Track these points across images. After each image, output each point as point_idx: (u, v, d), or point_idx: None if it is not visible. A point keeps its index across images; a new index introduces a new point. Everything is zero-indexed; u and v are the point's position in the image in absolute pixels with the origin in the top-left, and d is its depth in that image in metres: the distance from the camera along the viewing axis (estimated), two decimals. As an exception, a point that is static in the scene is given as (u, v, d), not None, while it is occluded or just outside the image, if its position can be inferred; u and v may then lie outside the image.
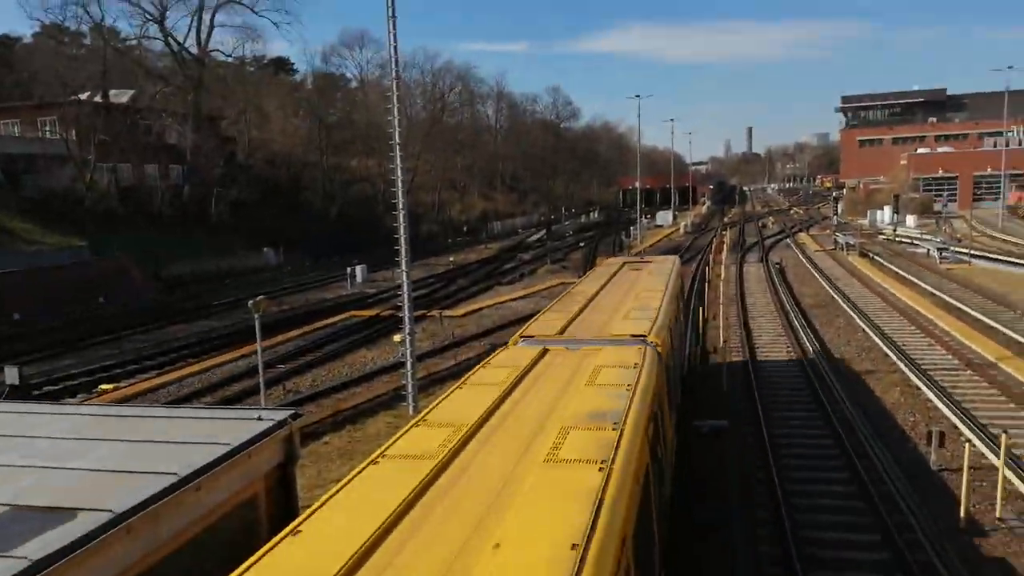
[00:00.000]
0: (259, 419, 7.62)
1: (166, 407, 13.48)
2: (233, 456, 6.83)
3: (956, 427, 17.32)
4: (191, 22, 62.28)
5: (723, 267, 45.97)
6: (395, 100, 19.41)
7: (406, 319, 20.52)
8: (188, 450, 6.65)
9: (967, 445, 13.77)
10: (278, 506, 7.71)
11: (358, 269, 47.29)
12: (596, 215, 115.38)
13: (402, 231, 19.60)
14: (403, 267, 20.07)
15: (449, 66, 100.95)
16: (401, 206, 19.31)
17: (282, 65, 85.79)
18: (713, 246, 59.51)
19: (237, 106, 67.60)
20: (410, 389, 20.47)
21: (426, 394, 21.90)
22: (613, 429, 6.43)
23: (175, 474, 6.03)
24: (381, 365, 25.58)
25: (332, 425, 19.69)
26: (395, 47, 19.12)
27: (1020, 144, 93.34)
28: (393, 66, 18.68)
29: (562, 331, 11.34)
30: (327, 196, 70.24)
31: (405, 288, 20.35)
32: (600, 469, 5.54)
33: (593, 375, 8.39)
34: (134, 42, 62.06)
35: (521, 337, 10.99)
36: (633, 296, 14.73)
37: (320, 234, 61.82)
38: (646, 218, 78.29)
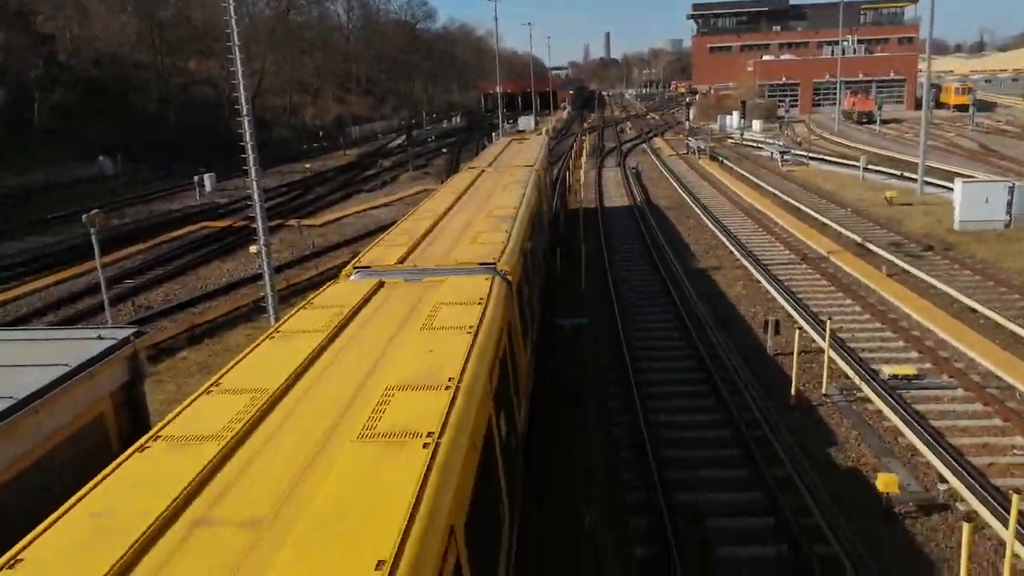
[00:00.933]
0: (99, 338, 7.24)
1: (-4, 329, 12.47)
2: (73, 377, 6.49)
3: (791, 315, 18.85)
4: None
5: (583, 172, 46.81)
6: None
7: (259, 228, 19.66)
8: (24, 373, 6.25)
9: (797, 332, 15.04)
10: (128, 425, 7.44)
11: (206, 178, 44.65)
12: (458, 120, 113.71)
13: (246, 127, 18.46)
14: (251, 171, 19.05)
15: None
16: (243, 101, 18.14)
17: (105, -48, 77.03)
18: (573, 151, 60.32)
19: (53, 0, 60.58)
20: (269, 300, 19.81)
21: (287, 304, 21.38)
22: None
23: (11, 398, 5.65)
24: (239, 277, 24.65)
25: (189, 340, 18.95)
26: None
27: (855, 52, 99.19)
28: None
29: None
30: (163, 100, 65.10)
31: (255, 195, 19.40)
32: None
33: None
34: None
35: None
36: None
37: (160, 141, 57.51)
38: (508, 123, 77.92)
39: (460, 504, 4.51)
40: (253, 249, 25.13)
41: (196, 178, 44.15)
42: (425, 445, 4.61)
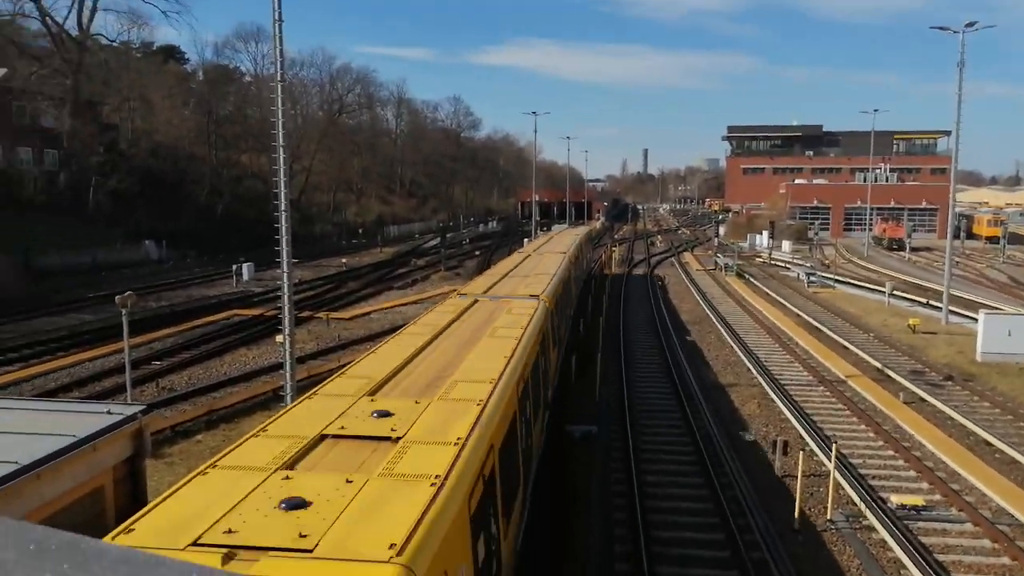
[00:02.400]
0: (108, 412, 7.66)
1: (14, 398, 13.00)
2: (78, 448, 6.88)
3: (802, 437, 18.74)
4: (72, 2, 59.31)
5: (608, 282, 47.49)
6: (279, 90, 19.34)
7: (286, 318, 20.35)
8: (32, 440, 6.66)
9: (801, 453, 15.00)
10: (126, 499, 7.76)
11: (245, 267, 46.17)
12: (495, 224, 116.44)
13: (283, 222, 19.45)
14: (284, 262, 19.90)
15: (348, 68, 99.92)
16: (283, 196, 19.18)
17: (171, 54, 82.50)
18: (601, 261, 61.28)
19: (120, 93, 64.63)
20: (288, 389, 20.27)
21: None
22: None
23: (15, 463, 6.05)
24: (261, 365, 25.22)
25: (206, 424, 19.35)
26: (280, 38, 19.07)
27: (886, 180, 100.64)
28: (277, 56, 18.60)
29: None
30: (214, 191, 68.05)
31: (285, 285, 20.19)
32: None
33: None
34: (7, 18, 58.39)
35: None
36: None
37: (206, 230, 59.86)
38: (543, 230, 79.72)
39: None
40: (279, 339, 25.83)
41: (235, 266, 45.66)
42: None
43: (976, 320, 29.41)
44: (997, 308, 33.68)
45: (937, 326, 33.62)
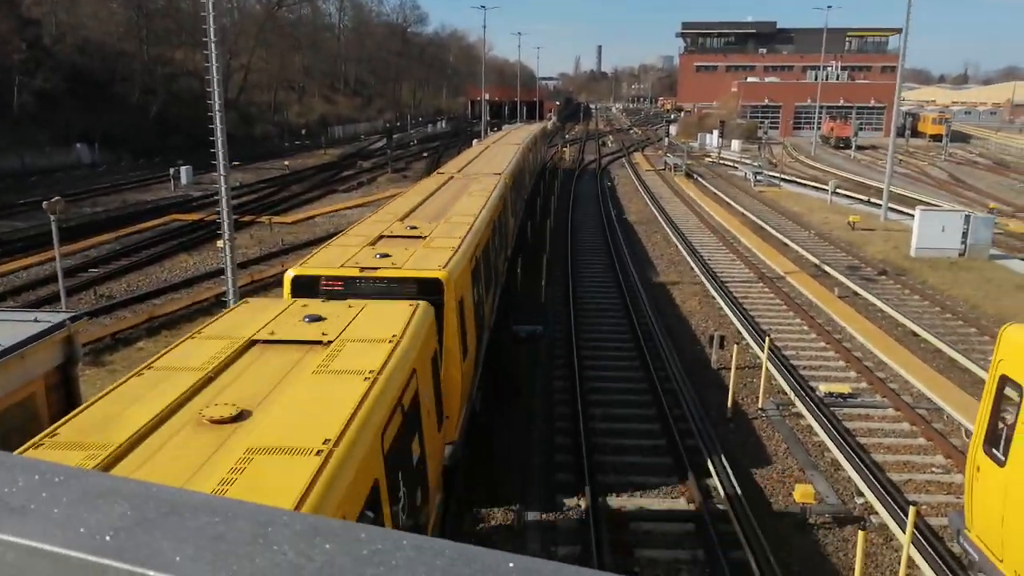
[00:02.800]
0: (35, 320, 7.51)
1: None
2: (3, 356, 6.77)
3: (739, 331, 19.36)
4: None
5: (558, 184, 47.30)
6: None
7: (225, 223, 19.92)
8: (-47, 349, 6.51)
9: (735, 346, 15.53)
10: (59, 406, 7.71)
11: (183, 170, 44.68)
12: (444, 125, 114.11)
13: (218, 122, 18.80)
14: (220, 164, 19.32)
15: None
16: (216, 95, 18.44)
17: (96, -61, 76.80)
18: (552, 159, 60.82)
19: (41, -17, 60.36)
20: (230, 295, 20.08)
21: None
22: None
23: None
24: (203, 271, 24.84)
25: (147, 331, 19.11)
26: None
27: (837, 78, 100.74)
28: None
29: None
30: (147, 90, 64.92)
31: (223, 188, 19.68)
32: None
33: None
34: None
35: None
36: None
37: (140, 131, 57.41)
38: (493, 130, 78.38)
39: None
40: (220, 244, 25.35)
41: (172, 170, 44.18)
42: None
43: (913, 216, 30.25)
44: (934, 205, 34.62)
45: (876, 223, 34.48)
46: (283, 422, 5.57)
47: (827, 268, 25.84)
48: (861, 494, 11.79)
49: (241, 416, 5.62)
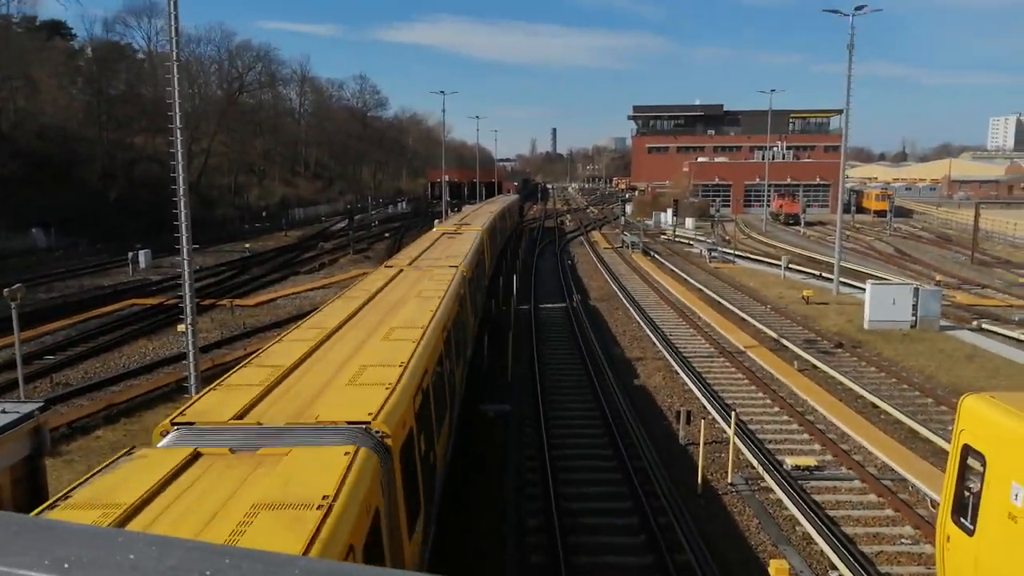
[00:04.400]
0: (3, 412, 7.38)
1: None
2: (-28, 447, 6.62)
3: (704, 407, 19.57)
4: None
5: (520, 262, 47.92)
6: (175, 68, 18.65)
7: (187, 306, 19.74)
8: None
9: (702, 422, 15.71)
10: (25, 498, 7.51)
11: (141, 254, 44.34)
12: (404, 206, 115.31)
13: (181, 207, 18.85)
14: (184, 248, 19.27)
15: (248, 45, 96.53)
16: (181, 180, 18.56)
17: (57, 29, 77.72)
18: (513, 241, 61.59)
19: (1, 70, 60.61)
20: (192, 380, 19.73)
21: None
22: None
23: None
24: (163, 356, 24.41)
25: (105, 419, 18.63)
26: (176, 13, 18.37)
27: (783, 157, 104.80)
28: (173, 35, 17.91)
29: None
30: (107, 174, 64.84)
31: (185, 272, 19.58)
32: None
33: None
34: None
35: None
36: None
37: (98, 215, 57.01)
38: (453, 210, 79.48)
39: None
40: (180, 328, 25.01)
41: (131, 254, 43.80)
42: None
43: (864, 290, 31.21)
44: (883, 279, 35.77)
45: (829, 297, 35.48)
46: None
47: (785, 342, 26.40)
48: (835, 568, 11.84)
49: None
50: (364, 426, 7.11)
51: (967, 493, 8.54)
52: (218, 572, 0.91)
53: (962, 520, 8.49)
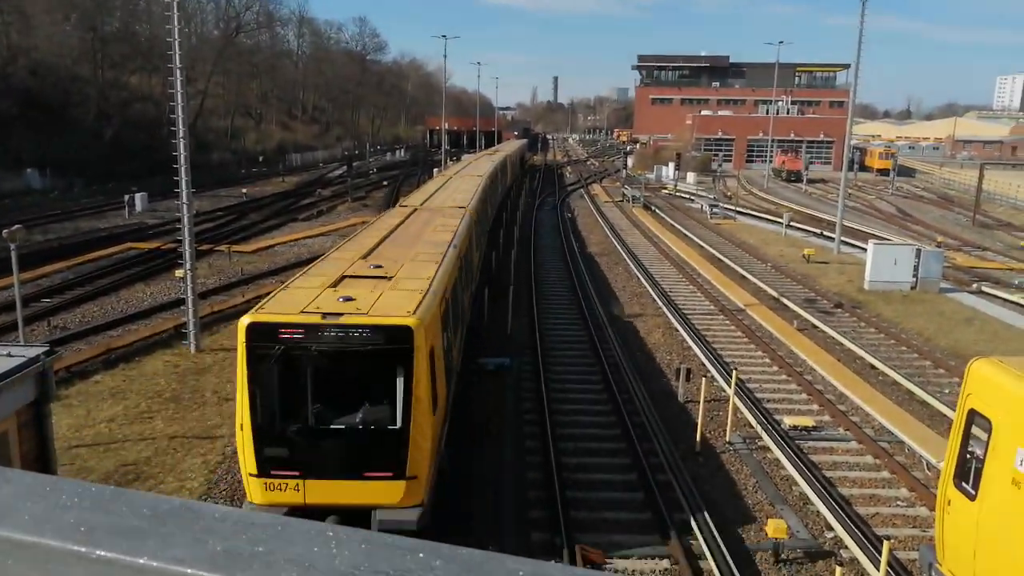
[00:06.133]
0: (9, 355, 7.28)
1: None
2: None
3: (704, 364, 19.58)
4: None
5: (519, 214, 47.58)
6: (175, 6, 18.16)
7: (186, 252, 19.60)
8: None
9: (703, 379, 15.70)
10: (31, 443, 7.47)
11: (137, 197, 43.89)
12: (403, 153, 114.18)
13: (181, 149, 18.57)
14: (183, 192, 19.06)
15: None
16: (180, 122, 18.24)
17: (49, -38, 75.65)
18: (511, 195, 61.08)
19: (-8, 5, 59.19)
20: (191, 327, 19.71)
21: (210, 332, 21.21)
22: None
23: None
24: (161, 301, 24.29)
25: (104, 364, 18.59)
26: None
27: (787, 112, 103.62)
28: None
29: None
30: (102, 115, 63.81)
31: (185, 217, 19.40)
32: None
33: None
34: None
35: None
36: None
37: (93, 157, 56.28)
38: (452, 159, 78.67)
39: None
40: (179, 273, 24.83)
41: (127, 197, 43.37)
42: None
43: (865, 250, 31.10)
44: (885, 239, 35.61)
45: (830, 256, 35.36)
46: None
47: (785, 300, 26.36)
48: (831, 528, 11.95)
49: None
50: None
51: (970, 458, 8.54)
52: (406, 573, 0.82)
53: (964, 485, 8.50)
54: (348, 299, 10.44)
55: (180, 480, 13.03)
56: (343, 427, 9.96)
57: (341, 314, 9.91)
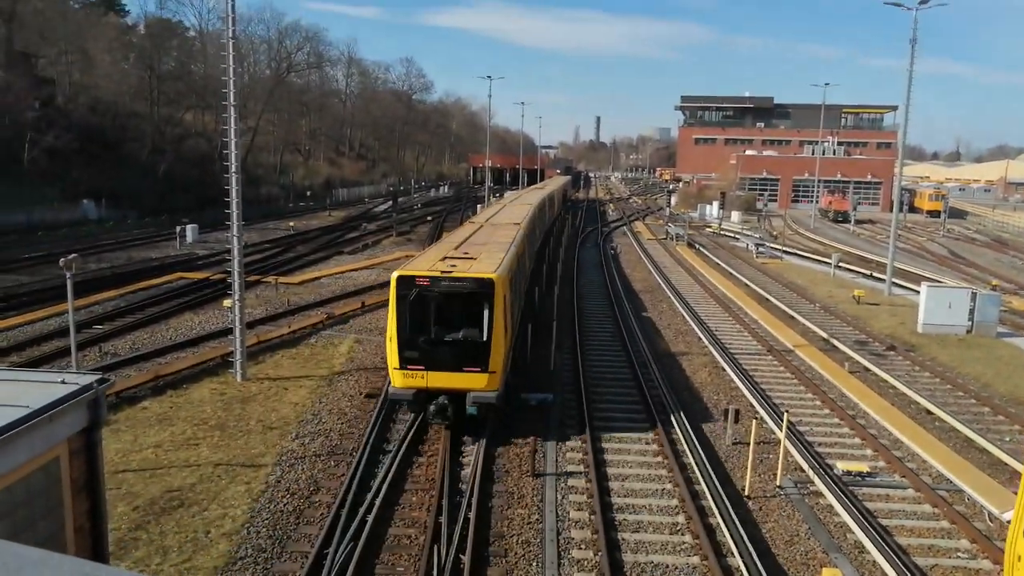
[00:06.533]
0: (63, 382, 7.34)
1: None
2: (33, 419, 6.59)
3: (752, 406, 19.13)
4: (5, -54, 56.15)
5: (563, 249, 47.58)
6: (230, 45, 18.67)
7: (235, 282, 19.88)
8: (-17, 411, 6.32)
9: (754, 422, 15.30)
10: (81, 470, 7.50)
11: (188, 228, 44.93)
12: (447, 190, 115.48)
13: (233, 183, 18.91)
14: (234, 225, 19.38)
15: (297, 25, 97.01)
16: (233, 157, 18.61)
17: (111, 5, 78.96)
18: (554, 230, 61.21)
19: (57, 45, 61.75)
20: (238, 356, 19.91)
21: (256, 361, 21.40)
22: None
23: (-35, 435, 5.76)
24: (208, 330, 24.62)
25: (152, 390, 18.84)
26: None
27: (833, 153, 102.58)
28: (229, 12, 17.89)
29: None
30: (156, 149, 65.76)
31: (235, 249, 19.71)
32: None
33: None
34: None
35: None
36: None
37: (147, 190, 57.93)
38: (495, 196, 79.30)
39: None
40: (227, 303, 25.20)
41: (178, 228, 44.42)
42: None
43: (918, 292, 30.34)
44: (938, 281, 34.75)
45: (880, 297, 34.57)
46: None
47: (836, 342, 25.76)
48: (889, 579, 11.45)
49: None
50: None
51: (1044, 512, 8.10)
52: None
53: (1037, 540, 8.05)
54: (453, 266, 16.91)
55: (223, 508, 13.03)
56: (451, 339, 15.86)
57: (451, 271, 16.38)
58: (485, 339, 15.73)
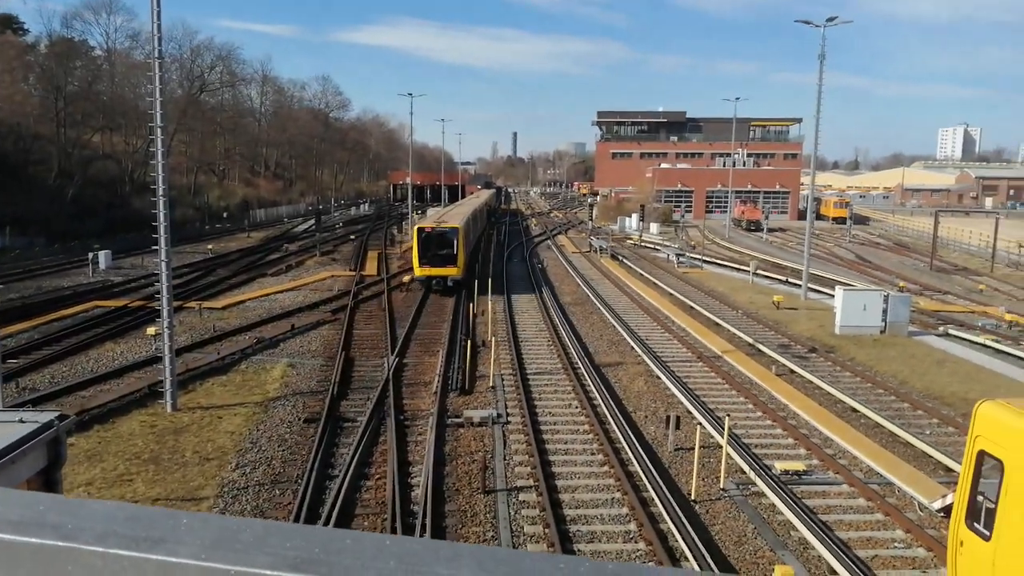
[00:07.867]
0: (20, 421, 6.98)
1: None
2: (-5, 463, 6.24)
3: (690, 412, 19.63)
4: None
5: (490, 264, 47.73)
6: (157, 77, 18.15)
7: (164, 308, 19.22)
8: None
9: (698, 428, 15.72)
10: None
11: (101, 254, 43.11)
12: (367, 207, 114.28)
13: (160, 206, 18.37)
14: (162, 249, 18.79)
15: (209, 44, 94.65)
16: (160, 178, 18.07)
17: (8, 23, 75.40)
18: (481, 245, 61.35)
19: (-49, 63, 58.49)
20: (168, 385, 19.22)
21: (185, 390, 20.69)
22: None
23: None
24: (133, 360, 23.67)
25: (77, 426, 17.91)
26: (159, 13, 17.86)
27: (744, 165, 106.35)
28: (156, 44, 17.39)
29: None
30: (63, 173, 62.93)
31: (163, 274, 19.08)
32: None
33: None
34: None
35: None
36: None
37: (55, 215, 55.28)
38: (417, 213, 78.88)
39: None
40: (151, 331, 24.34)
41: (90, 254, 42.60)
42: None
43: (832, 296, 31.72)
44: (851, 285, 36.44)
45: (798, 302, 36.00)
46: None
47: (761, 347, 26.68)
48: (835, 573, 11.91)
49: None
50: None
51: (982, 498, 8.63)
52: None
53: (976, 525, 8.57)
54: (442, 222, 38.98)
55: (167, 544, 12.53)
56: (440, 253, 36.45)
57: (439, 225, 38.21)
58: (455, 252, 36.61)
